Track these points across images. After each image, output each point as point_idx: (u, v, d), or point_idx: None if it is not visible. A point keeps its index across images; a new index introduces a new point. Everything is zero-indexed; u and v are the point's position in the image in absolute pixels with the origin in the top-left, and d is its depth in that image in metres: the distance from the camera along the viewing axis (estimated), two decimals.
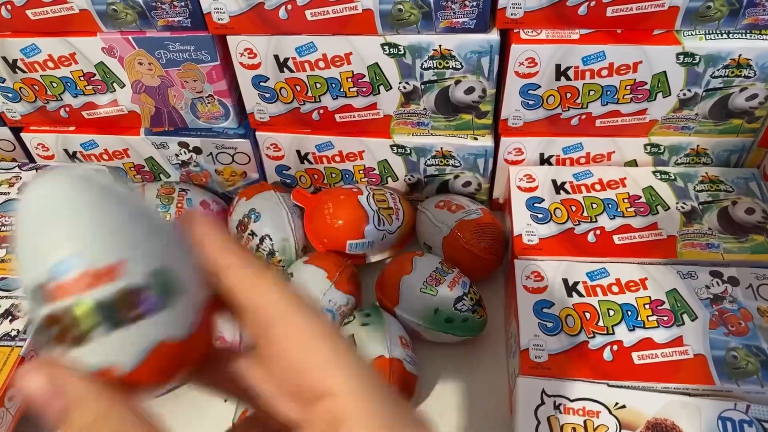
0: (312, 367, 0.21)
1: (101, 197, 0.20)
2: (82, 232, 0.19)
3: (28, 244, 0.20)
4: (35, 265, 0.19)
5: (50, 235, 0.19)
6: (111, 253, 0.19)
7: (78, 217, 0.20)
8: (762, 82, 0.51)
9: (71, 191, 0.20)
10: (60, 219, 0.19)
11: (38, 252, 0.19)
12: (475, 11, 0.49)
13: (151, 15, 0.51)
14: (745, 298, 0.48)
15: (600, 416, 0.43)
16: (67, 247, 0.19)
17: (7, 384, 0.47)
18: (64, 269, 0.19)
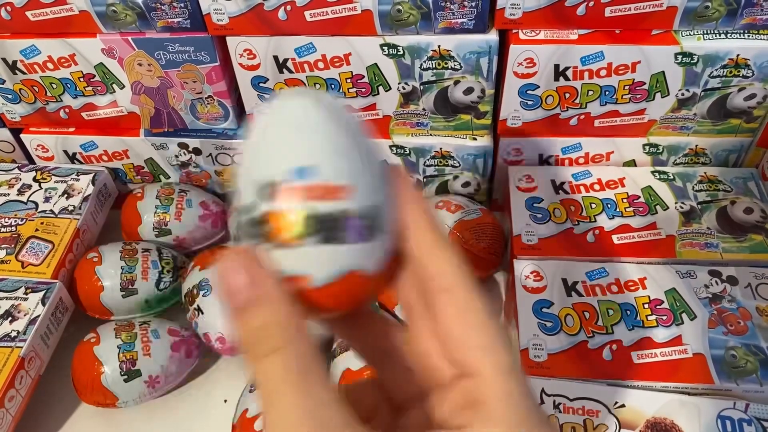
0: (467, 345, 0.22)
1: (349, 125, 0.22)
2: (328, 149, 0.21)
3: (274, 145, 0.21)
4: (275, 164, 0.21)
5: (299, 143, 0.21)
6: (344, 176, 0.21)
7: (328, 135, 0.21)
8: (760, 81, 0.51)
9: (326, 111, 0.21)
10: (312, 132, 0.21)
11: (282, 154, 0.21)
12: (473, 12, 0.49)
13: (151, 16, 0.51)
14: (743, 297, 0.48)
15: (599, 415, 0.43)
16: (312, 157, 0.21)
17: (7, 384, 0.47)
18: (302, 175, 0.20)
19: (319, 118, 0.21)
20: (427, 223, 0.23)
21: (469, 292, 0.22)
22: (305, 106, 0.21)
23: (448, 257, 0.23)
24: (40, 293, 0.52)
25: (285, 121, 0.21)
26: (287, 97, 0.22)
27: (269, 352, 0.20)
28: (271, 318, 0.20)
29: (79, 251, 0.57)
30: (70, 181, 0.61)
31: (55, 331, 0.52)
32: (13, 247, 0.55)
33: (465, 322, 0.22)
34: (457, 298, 0.22)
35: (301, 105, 0.22)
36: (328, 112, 0.22)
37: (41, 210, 0.59)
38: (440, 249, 0.23)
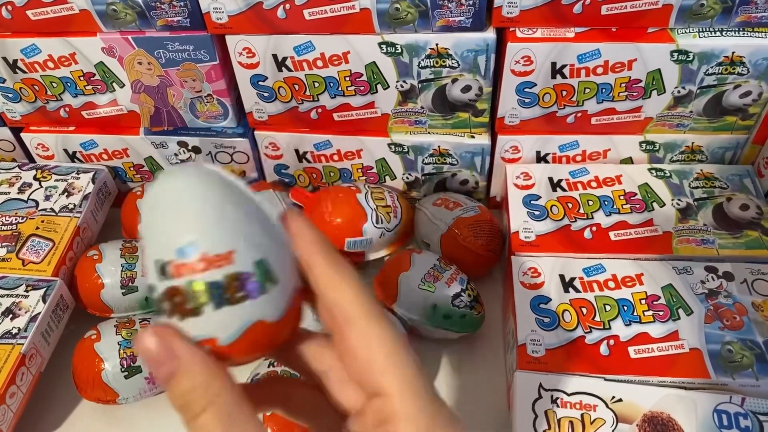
0: (373, 368, 0.24)
1: (222, 193, 0.24)
2: (203, 223, 0.23)
3: (158, 227, 0.24)
4: (163, 246, 0.23)
5: (177, 223, 0.23)
6: (225, 243, 0.23)
7: (201, 210, 0.23)
8: (755, 79, 0.52)
9: (197, 186, 0.24)
10: (187, 210, 0.23)
11: (167, 235, 0.23)
12: (471, 10, 0.49)
13: (151, 15, 0.52)
14: (739, 292, 0.49)
15: (597, 410, 0.44)
16: (191, 234, 0.23)
17: (8, 381, 0.47)
18: (187, 252, 0.23)
19: (192, 194, 0.24)
20: (323, 259, 0.25)
21: (369, 319, 0.24)
22: (184, 185, 0.24)
23: (345, 289, 0.25)
24: (40, 291, 0.52)
25: (167, 201, 0.24)
26: (171, 176, 0.24)
27: (200, 412, 0.22)
28: (193, 382, 0.23)
29: (80, 249, 0.58)
30: (70, 180, 0.61)
31: (55, 329, 0.53)
32: (14, 245, 0.56)
33: (368, 347, 0.24)
34: (358, 326, 0.24)
35: (181, 184, 0.24)
36: (202, 186, 0.24)
37: (42, 208, 0.59)
38: (338, 282, 0.25)
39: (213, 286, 0.23)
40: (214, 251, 0.23)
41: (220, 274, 0.23)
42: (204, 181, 0.24)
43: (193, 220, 0.23)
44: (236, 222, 0.24)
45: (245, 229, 0.24)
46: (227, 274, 0.23)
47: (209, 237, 0.23)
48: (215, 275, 0.23)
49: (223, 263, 0.23)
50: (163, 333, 0.23)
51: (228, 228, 0.23)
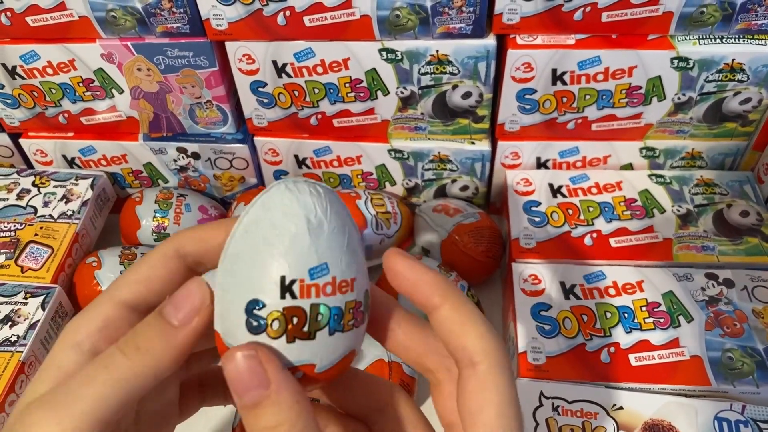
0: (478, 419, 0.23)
1: (345, 215, 0.24)
2: (337, 245, 0.23)
3: (284, 242, 0.22)
4: (291, 263, 0.22)
5: (312, 243, 0.22)
6: (350, 270, 0.23)
7: (336, 231, 0.23)
8: (755, 86, 0.52)
9: (330, 205, 0.23)
10: (321, 231, 0.23)
11: (296, 253, 0.22)
12: (471, 17, 0.49)
13: (150, 21, 0.52)
14: (740, 299, 0.49)
15: (598, 418, 0.44)
16: (326, 256, 0.22)
17: (7, 389, 0.47)
18: (319, 274, 0.22)
19: (324, 214, 0.23)
20: (450, 302, 0.24)
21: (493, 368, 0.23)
22: (311, 203, 0.23)
23: (472, 333, 0.23)
24: (39, 298, 0.52)
25: (295, 217, 0.22)
26: (290, 189, 0.23)
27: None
28: (279, 418, 0.21)
29: (78, 256, 0.57)
30: (69, 186, 0.61)
31: (54, 336, 0.52)
32: (13, 251, 0.56)
33: (482, 397, 0.23)
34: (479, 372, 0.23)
35: (308, 201, 0.23)
36: (330, 205, 0.23)
37: (40, 215, 0.59)
38: (467, 327, 0.24)
39: (335, 311, 0.23)
40: (342, 277, 0.23)
41: (343, 301, 0.23)
42: (331, 202, 0.23)
43: (327, 242, 0.22)
44: (356, 249, 0.23)
45: (360, 256, 0.24)
46: (348, 301, 0.23)
47: (339, 262, 0.23)
48: (339, 301, 0.23)
49: (347, 290, 0.23)
50: (259, 354, 0.21)
51: (352, 254, 0.23)
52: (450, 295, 0.24)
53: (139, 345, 0.22)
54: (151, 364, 0.22)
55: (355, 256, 0.23)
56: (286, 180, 0.23)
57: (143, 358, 0.22)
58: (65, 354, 0.23)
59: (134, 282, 0.24)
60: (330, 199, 0.23)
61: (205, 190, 0.65)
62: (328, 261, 0.22)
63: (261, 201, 0.23)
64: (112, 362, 0.22)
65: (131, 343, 0.22)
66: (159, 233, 0.59)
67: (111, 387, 0.21)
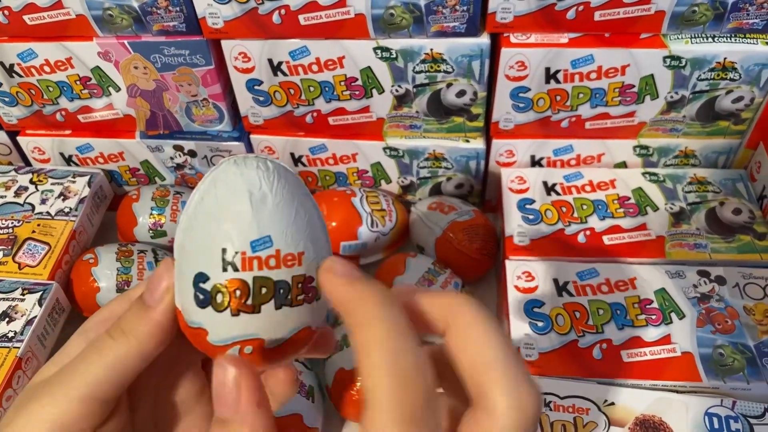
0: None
1: (297, 191, 0.23)
2: (282, 219, 0.22)
3: (228, 214, 0.22)
4: (233, 235, 0.22)
5: (254, 214, 0.22)
6: (297, 244, 0.23)
7: (281, 205, 0.23)
8: (747, 84, 0.52)
9: (277, 179, 0.23)
10: (266, 202, 0.22)
11: (239, 224, 0.22)
12: (465, 16, 0.49)
13: (147, 20, 0.52)
14: (731, 296, 0.49)
15: (589, 413, 0.44)
16: (268, 228, 0.22)
17: (4, 385, 0.47)
18: (261, 247, 0.22)
19: (271, 186, 0.22)
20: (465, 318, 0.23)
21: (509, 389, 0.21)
22: (258, 176, 0.22)
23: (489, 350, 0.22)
24: (36, 294, 0.52)
25: (239, 188, 0.22)
26: (240, 163, 0.23)
27: None
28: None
29: (75, 252, 0.58)
30: (66, 183, 0.61)
31: (51, 332, 0.53)
32: (10, 248, 0.56)
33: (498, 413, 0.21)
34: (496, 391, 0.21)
35: (255, 173, 0.23)
36: (278, 180, 0.23)
37: (38, 212, 0.59)
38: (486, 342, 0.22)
39: (280, 285, 0.22)
40: (287, 250, 0.22)
41: (289, 275, 0.22)
42: (280, 177, 0.23)
43: (271, 215, 0.22)
44: (307, 223, 0.23)
45: (312, 231, 0.23)
46: (295, 275, 0.22)
47: (284, 235, 0.22)
48: (284, 275, 0.22)
49: (293, 263, 0.22)
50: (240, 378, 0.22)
51: (300, 228, 0.23)
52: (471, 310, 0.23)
53: (124, 329, 0.24)
54: (135, 346, 0.23)
55: (305, 231, 0.23)
56: (237, 156, 0.23)
57: (128, 340, 0.23)
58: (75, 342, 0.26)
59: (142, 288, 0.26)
60: (279, 174, 0.23)
61: None
62: (271, 234, 0.22)
63: (210, 177, 0.23)
64: (103, 346, 0.24)
65: (117, 327, 0.24)
66: (156, 230, 0.59)
67: (101, 368, 0.23)
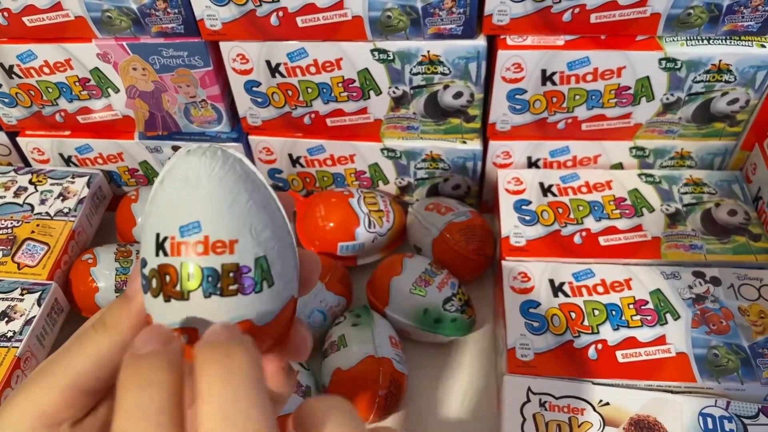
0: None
1: (238, 180, 0.23)
2: (213, 205, 0.22)
3: (166, 201, 0.23)
4: (166, 220, 0.22)
5: (186, 200, 0.22)
6: (229, 231, 0.22)
7: (214, 191, 0.22)
8: (742, 86, 0.53)
9: (215, 167, 0.23)
10: (199, 189, 0.22)
11: (172, 210, 0.22)
12: (462, 18, 0.50)
13: (145, 21, 0.52)
14: (726, 297, 0.49)
15: (584, 413, 0.44)
16: (197, 214, 0.22)
17: (3, 384, 0.47)
18: (189, 232, 0.22)
19: (208, 174, 0.22)
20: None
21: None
22: (197, 163, 0.22)
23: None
24: (35, 294, 0.53)
25: (178, 176, 0.23)
26: (186, 153, 0.23)
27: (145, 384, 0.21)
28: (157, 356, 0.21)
29: (74, 253, 0.58)
30: (65, 184, 0.62)
31: (50, 332, 0.53)
32: (9, 248, 0.56)
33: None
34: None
35: (194, 161, 0.22)
36: (220, 168, 0.22)
37: (37, 212, 0.59)
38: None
39: (207, 272, 0.22)
40: (217, 237, 0.22)
41: (218, 262, 0.22)
42: (223, 164, 0.23)
43: (203, 201, 0.22)
44: (247, 213, 0.22)
45: (254, 222, 0.22)
46: (225, 264, 0.22)
47: (215, 221, 0.22)
48: (212, 262, 0.22)
49: (223, 251, 0.22)
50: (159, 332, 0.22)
51: (236, 217, 0.22)
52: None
53: (106, 322, 0.24)
54: (117, 338, 0.24)
55: (241, 219, 0.22)
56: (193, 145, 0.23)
57: (110, 332, 0.24)
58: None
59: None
60: (223, 161, 0.23)
61: None
62: (200, 219, 0.22)
63: (166, 165, 0.23)
64: (86, 338, 0.24)
65: (100, 320, 0.24)
66: None
67: (84, 360, 0.24)
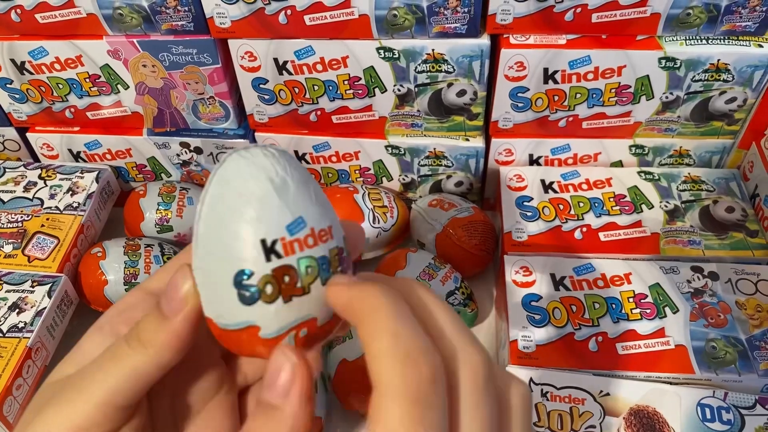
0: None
1: (302, 169, 0.23)
2: (304, 199, 0.23)
3: (254, 207, 0.22)
4: (267, 225, 0.22)
5: (283, 201, 0.22)
6: (325, 219, 0.23)
7: (299, 186, 0.23)
8: (740, 86, 0.54)
9: (285, 165, 0.23)
10: (287, 188, 0.22)
11: (269, 214, 0.22)
12: (466, 17, 0.51)
13: (156, 19, 0.53)
14: (724, 291, 0.50)
15: (585, 403, 0.45)
16: (298, 210, 0.22)
17: (14, 374, 0.48)
18: (297, 229, 0.22)
19: (284, 171, 0.23)
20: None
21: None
22: (272, 165, 0.22)
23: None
24: (46, 286, 0.54)
25: (261, 181, 0.22)
26: (245, 156, 0.23)
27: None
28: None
29: (84, 246, 0.59)
30: (74, 179, 0.63)
31: (60, 323, 0.54)
32: (20, 242, 0.57)
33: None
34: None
35: (267, 164, 0.22)
36: (288, 163, 0.23)
37: (47, 206, 0.60)
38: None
39: (321, 261, 0.22)
40: (320, 226, 0.23)
41: (326, 249, 0.23)
42: (287, 159, 0.23)
43: (295, 197, 0.22)
44: (323, 198, 0.23)
45: (327, 204, 0.24)
46: (330, 249, 0.23)
47: (312, 213, 0.23)
48: (323, 250, 0.22)
49: (327, 238, 0.23)
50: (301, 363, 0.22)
51: (322, 203, 0.23)
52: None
53: (141, 338, 0.23)
54: (153, 356, 0.23)
55: (324, 206, 0.23)
56: (237, 150, 0.23)
57: (146, 350, 0.23)
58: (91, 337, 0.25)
59: (158, 279, 0.26)
60: (286, 158, 0.23)
61: None
62: (302, 214, 0.22)
63: (218, 175, 0.23)
64: (120, 354, 0.23)
65: (135, 337, 0.24)
66: (162, 225, 0.61)
67: (119, 377, 0.23)
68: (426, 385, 0.20)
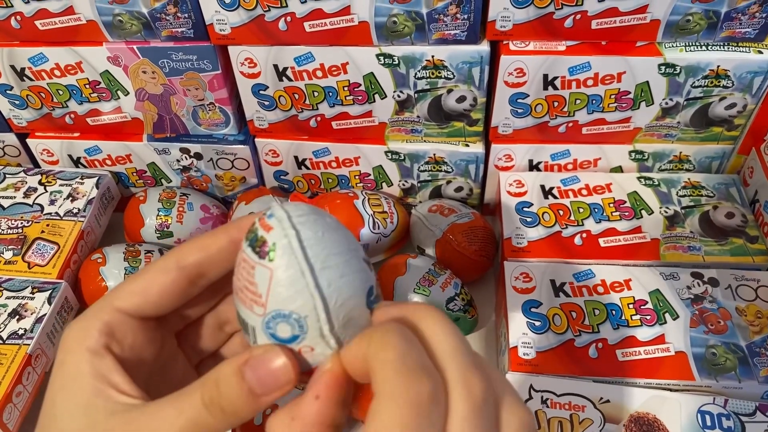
0: None
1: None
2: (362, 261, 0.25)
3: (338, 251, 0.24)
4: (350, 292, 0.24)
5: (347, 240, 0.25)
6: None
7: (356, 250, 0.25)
8: (740, 92, 0.54)
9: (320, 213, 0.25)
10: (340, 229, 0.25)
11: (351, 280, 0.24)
12: (466, 24, 0.51)
13: (156, 26, 0.53)
14: (724, 298, 0.50)
15: (585, 410, 0.45)
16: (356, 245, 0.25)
17: (14, 380, 0.48)
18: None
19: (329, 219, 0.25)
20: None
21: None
22: (317, 216, 0.25)
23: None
24: (46, 293, 0.54)
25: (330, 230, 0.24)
26: (301, 216, 0.25)
27: None
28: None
29: (84, 252, 0.59)
30: (74, 185, 0.63)
31: (60, 330, 0.54)
32: (20, 248, 0.57)
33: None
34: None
35: (314, 216, 0.25)
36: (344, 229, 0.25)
37: (47, 212, 0.60)
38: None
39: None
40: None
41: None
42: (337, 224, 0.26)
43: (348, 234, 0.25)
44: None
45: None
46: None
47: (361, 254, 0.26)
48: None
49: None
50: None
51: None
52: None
53: (224, 407, 0.23)
54: (232, 423, 0.24)
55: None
56: (285, 204, 0.25)
57: (228, 419, 0.23)
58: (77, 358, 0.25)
59: (131, 293, 0.26)
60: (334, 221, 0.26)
61: (207, 189, 0.67)
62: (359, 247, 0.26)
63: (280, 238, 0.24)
64: (197, 418, 0.23)
65: (216, 402, 0.23)
66: (162, 231, 0.61)
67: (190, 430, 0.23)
68: (426, 397, 0.21)
